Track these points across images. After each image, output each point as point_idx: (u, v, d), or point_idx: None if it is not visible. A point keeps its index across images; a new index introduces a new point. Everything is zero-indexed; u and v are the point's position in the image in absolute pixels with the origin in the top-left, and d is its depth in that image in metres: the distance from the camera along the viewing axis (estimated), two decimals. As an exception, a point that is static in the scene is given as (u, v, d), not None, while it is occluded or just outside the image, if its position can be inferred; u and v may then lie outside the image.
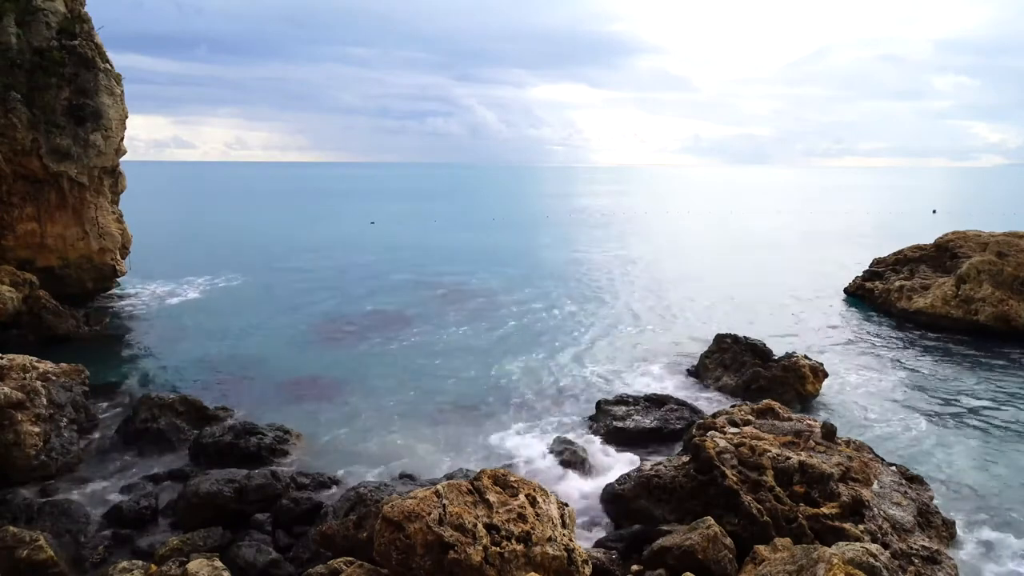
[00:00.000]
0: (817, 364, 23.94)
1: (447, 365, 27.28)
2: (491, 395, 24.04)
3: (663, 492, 15.21)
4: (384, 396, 23.76)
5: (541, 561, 10.92)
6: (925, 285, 35.05)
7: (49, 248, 33.77)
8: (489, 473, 12.33)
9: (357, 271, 49.25)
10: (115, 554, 14.17)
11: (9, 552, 12.69)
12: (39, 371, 19.61)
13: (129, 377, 25.65)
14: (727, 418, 17.41)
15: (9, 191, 32.31)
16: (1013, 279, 31.87)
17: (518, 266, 51.70)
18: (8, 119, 30.83)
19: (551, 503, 12.13)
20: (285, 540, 14.71)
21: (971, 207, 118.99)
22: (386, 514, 11.04)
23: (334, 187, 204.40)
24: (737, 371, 24.45)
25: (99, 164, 34.16)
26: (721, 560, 12.66)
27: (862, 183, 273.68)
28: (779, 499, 13.89)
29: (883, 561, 10.93)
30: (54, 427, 18.21)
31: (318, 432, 20.58)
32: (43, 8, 32.61)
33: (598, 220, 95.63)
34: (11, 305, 28.99)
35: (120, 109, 34.87)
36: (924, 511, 14.75)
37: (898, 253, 40.12)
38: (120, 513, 15.37)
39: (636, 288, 43.59)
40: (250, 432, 19.03)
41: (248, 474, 16.09)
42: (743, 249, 63.18)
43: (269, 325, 33.54)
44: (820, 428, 16.71)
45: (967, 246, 36.09)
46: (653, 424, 20.10)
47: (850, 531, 13.08)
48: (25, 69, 31.64)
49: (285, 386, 24.69)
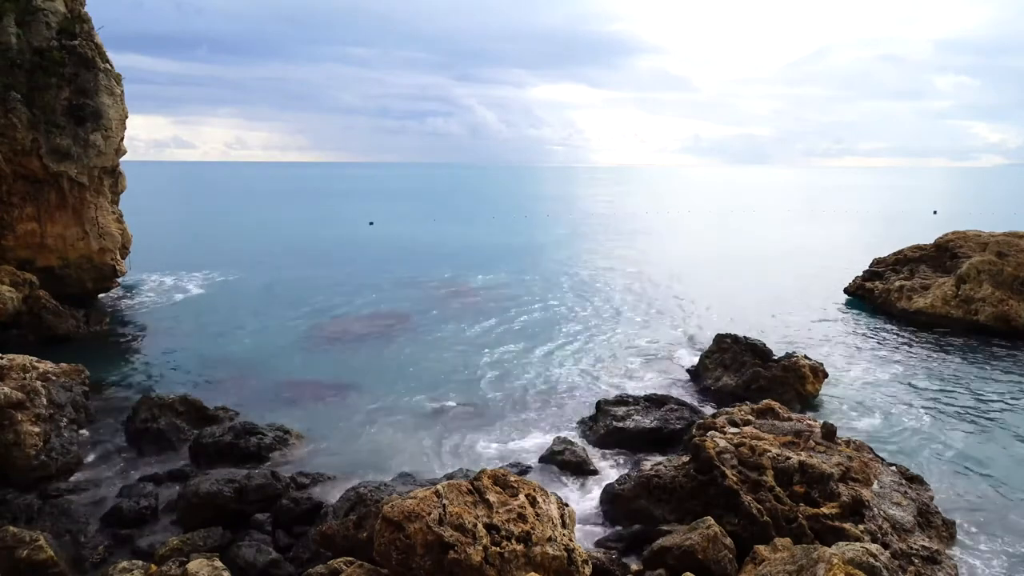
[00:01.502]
0: (817, 364, 23.94)
1: (447, 365, 27.27)
2: (491, 395, 24.04)
3: (663, 492, 15.21)
4: (384, 396, 23.76)
5: (541, 561, 10.92)
6: (925, 285, 35.05)
7: (49, 248, 33.76)
8: (489, 473, 12.34)
9: (357, 271, 49.25)
10: (115, 554, 14.17)
11: (9, 552, 12.68)
12: (39, 371, 19.62)
13: (129, 377, 25.65)
14: (727, 418, 17.42)
15: (9, 191, 32.30)
16: (1013, 279, 31.87)
17: (518, 266, 51.71)
18: (8, 119, 30.82)
19: (551, 503, 12.13)
20: (285, 540, 14.70)
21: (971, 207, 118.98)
22: (386, 514, 11.04)
23: (334, 187, 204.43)
24: (737, 371, 24.45)
25: (99, 164, 34.16)
26: (721, 560, 12.66)
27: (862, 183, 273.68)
28: (779, 499, 13.89)
29: (883, 561, 10.94)
30: (54, 427, 18.21)
31: (318, 432, 20.58)
32: (43, 8, 32.60)
33: (598, 220, 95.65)
34: (11, 305, 28.99)
35: (120, 109, 34.86)
36: (924, 511, 14.75)
37: (898, 253, 40.11)
38: (120, 513, 15.36)
39: (636, 288, 43.59)
40: (250, 432, 19.03)
41: (248, 474, 16.08)
42: (743, 249, 63.21)
43: (269, 325, 33.55)
44: (820, 428, 16.71)
45: (967, 246, 36.09)
46: (653, 424, 20.09)
47: (850, 531, 13.08)
48: (25, 69, 31.64)
49: (285, 386, 24.69)
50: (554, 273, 48.85)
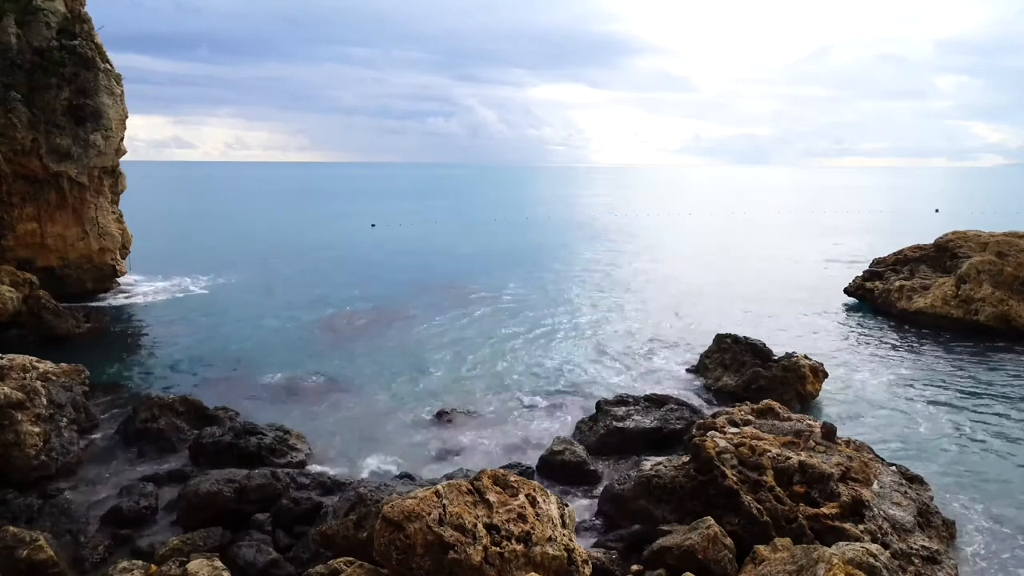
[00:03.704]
0: (817, 364, 23.92)
1: (447, 365, 27.27)
2: (491, 394, 24.04)
3: (663, 492, 15.20)
4: (384, 396, 23.77)
5: (541, 561, 10.92)
6: (925, 285, 35.04)
7: (49, 248, 33.78)
8: (489, 473, 12.33)
9: (357, 271, 49.27)
10: (115, 554, 14.18)
11: (9, 552, 12.68)
12: (39, 371, 19.62)
13: (129, 377, 25.65)
14: (727, 418, 17.41)
15: (9, 191, 32.32)
16: (1013, 279, 31.86)
17: (519, 266, 51.71)
18: (8, 119, 30.84)
19: (551, 503, 12.12)
20: (285, 540, 14.70)
21: (971, 207, 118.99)
22: (386, 514, 11.03)
23: (334, 187, 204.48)
24: (737, 371, 24.44)
25: (99, 164, 34.17)
26: (721, 560, 12.65)
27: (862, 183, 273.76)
28: (779, 499, 13.88)
29: (883, 561, 10.94)
30: (54, 427, 18.21)
31: (318, 432, 20.58)
32: (43, 8, 32.62)
33: (598, 220, 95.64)
34: (11, 305, 28.99)
35: (120, 109, 34.87)
36: (924, 511, 14.74)
37: (898, 253, 40.10)
38: (120, 513, 15.37)
39: (635, 288, 43.61)
40: (250, 432, 19.02)
41: (248, 474, 16.08)
42: (743, 249, 63.22)
43: (269, 325, 33.55)
44: (820, 428, 16.70)
45: (967, 246, 36.08)
46: (653, 424, 20.08)
47: (850, 531, 13.08)
48: (25, 69, 31.64)
49: (285, 386, 24.70)
50: (554, 273, 48.87)
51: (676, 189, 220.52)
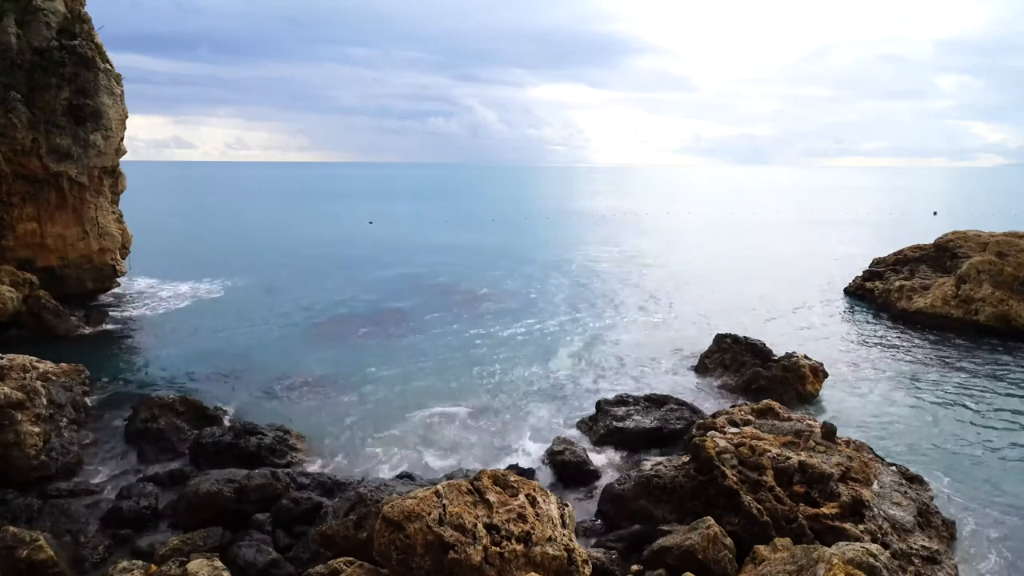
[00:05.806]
0: (817, 364, 23.93)
1: (447, 365, 27.27)
2: (491, 395, 24.05)
3: (663, 492, 15.20)
4: (384, 396, 23.77)
5: (541, 561, 10.92)
6: (925, 285, 35.05)
7: (49, 248, 33.75)
8: (489, 473, 12.33)
9: (357, 271, 49.25)
10: (115, 554, 14.18)
11: (9, 552, 12.68)
12: (39, 371, 19.62)
13: (129, 377, 25.64)
14: (727, 418, 17.41)
15: (9, 191, 32.29)
16: (1013, 279, 31.86)
17: (518, 266, 51.70)
18: (8, 119, 30.81)
19: (551, 503, 12.12)
20: (285, 540, 14.70)
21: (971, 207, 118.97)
22: (386, 514, 11.03)
23: (334, 187, 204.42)
24: (737, 371, 24.45)
25: (99, 164, 34.14)
26: (721, 560, 12.65)
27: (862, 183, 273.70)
28: (779, 499, 13.88)
29: (883, 561, 10.93)
30: (54, 427, 18.21)
31: (318, 432, 20.58)
32: (43, 8, 32.58)
33: (598, 220, 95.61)
34: (11, 305, 28.99)
35: (120, 109, 34.84)
36: (924, 511, 14.74)
37: (898, 253, 40.13)
38: (120, 513, 15.36)
39: (635, 288, 43.59)
40: (250, 432, 19.03)
41: (248, 474, 16.09)
42: (743, 249, 63.20)
43: (269, 325, 33.54)
44: (820, 428, 16.70)
45: (967, 246, 36.10)
46: (653, 424, 20.09)
47: (850, 531, 13.08)
48: (25, 69, 31.62)
49: (285, 386, 24.70)
50: (553, 273, 48.85)
51: (676, 189, 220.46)
